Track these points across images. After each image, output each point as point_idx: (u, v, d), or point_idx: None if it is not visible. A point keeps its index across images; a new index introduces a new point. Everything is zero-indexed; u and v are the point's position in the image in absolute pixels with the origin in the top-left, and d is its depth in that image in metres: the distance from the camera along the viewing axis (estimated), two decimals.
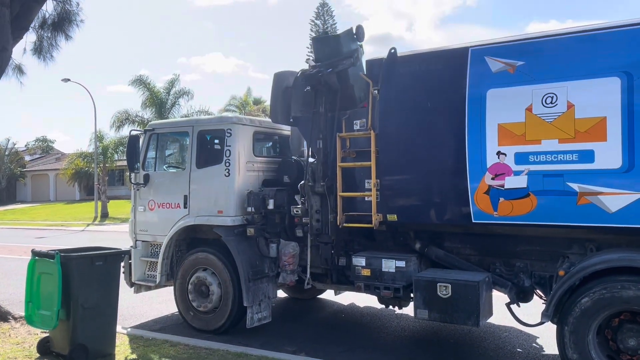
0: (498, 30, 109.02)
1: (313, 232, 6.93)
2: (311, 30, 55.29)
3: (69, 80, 34.15)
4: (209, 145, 7.82)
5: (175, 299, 7.78)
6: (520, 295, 6.11)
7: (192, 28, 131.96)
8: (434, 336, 7.35)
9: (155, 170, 8.14)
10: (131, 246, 8.18)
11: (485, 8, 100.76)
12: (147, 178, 8.01)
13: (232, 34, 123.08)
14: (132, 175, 8.14)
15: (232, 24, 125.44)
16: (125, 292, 7.21)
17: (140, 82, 34.52)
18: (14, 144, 55.41)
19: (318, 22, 55.01)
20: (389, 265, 6.43)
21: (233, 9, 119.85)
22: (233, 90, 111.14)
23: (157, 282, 7.78)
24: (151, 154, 8.17)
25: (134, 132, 8.06)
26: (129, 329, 7.61)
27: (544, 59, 5.48)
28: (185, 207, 7.64)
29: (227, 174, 7.34)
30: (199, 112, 34.44)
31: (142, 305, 9.11)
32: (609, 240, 5.55)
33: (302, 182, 7.07)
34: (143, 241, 8.10)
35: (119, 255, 6.76)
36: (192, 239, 7.92)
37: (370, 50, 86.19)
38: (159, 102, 34.45)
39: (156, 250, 7.97)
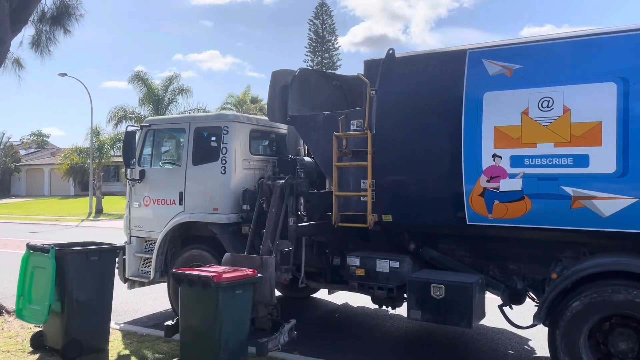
0: (493, 33, 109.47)
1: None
2: (309, 30, 55.40)
3: (65, 75, 34.03)
4: (206, 142, 7.82)
5: (169, 295, 7.78)
6: (513, 298, 6.14)
7: (189, 26, 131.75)
8: (427, 337, 7.37)
9: (151, 167, 8.14)
10: (125, 242, 8.16)
11: (481, 11, 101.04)
12: (142, 174, 8.01)
13: (229, 33, 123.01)
14: (128, 171, 8.13)
15: (230, 22, 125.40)
16: (118, 287, 7.18)
17: (139, 78, 34.45)
18: (9, 138, 55.30)
19: (317, 21, 55.07)
20: (383, 265, 6.45)
21: (230, 8, 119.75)
22: (229, 89, 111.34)
23: (151, 278, 7.77)
24: (147, 150, 8.17)
25: (130, 128, 8.06)
26: (123, 325, 7.60)
27: (541, 63, 5.50)
28: (180, 203, 7.64)
29: (223, 172, 7.34)
30: (197, 110, 34.41)
31: (136, 302, 9.10)
32: (603, 244, 5.58)
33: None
34: (137, 237, 8.10)
35: (114, 251, 6.75)
36: (186, 236, 7.92)
37: (367, 52, 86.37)
38: (156, 99, 34.38)
39: (150, 246, 7.96)
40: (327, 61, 54.45)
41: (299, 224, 6.82)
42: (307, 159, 7.89)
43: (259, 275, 5.84)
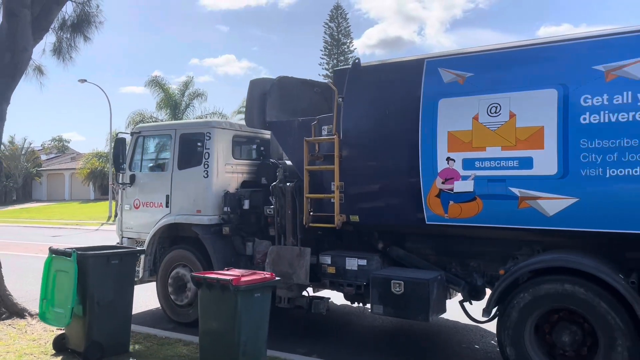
0: (509, 34, 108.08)
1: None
2: (325, 33, 55.83)
3: (85, 81, 34.88)
4: (190, 147, 8.23)
5: (157, 293, 8.22)
6: (472, 294, 6.43)
7: (205, 31, 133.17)
8: (424, 335, 7.65)
9: (140, 171, 8.61)
10: (117, 243, 8.63)
11: (497, 12, 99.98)
12: (133, 178, 8.49)
13: (244, 37, 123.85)
14: (120, 175, 8.61)
15: (245, 27, 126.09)
16: (138, 290, 7.07)
17: (156, 83, 35.07)
18: (30, 143, 56.55)
19: (332, 24, 55.45)
20: (352, 263, 6.79)
21: (245, 13, 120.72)
22: (245, 93, 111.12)
23: (141, 277, 8.18)
24: (137, 155, 8.64)
25: (120, 135, 8.54)
26: (143, 327, 7.63)
27: (490, 71, 5.81)
28: (167, 206, 8.10)
29: (205, 175, 7.77)
30: (213, 114, 34.90)
31: (156, 303, 9.01)
32: (554, 242, 5.85)
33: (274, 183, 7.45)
34: (129, 238, 8.58)
35: (135, 255, 6.85)
36: (174, 237, 8.36)
37: (381, 54, 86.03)
38: (173, 104, 34.94)
39: (140, 247, 8.39)
40: (342, 64, 54.77)
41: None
42: (288, 162, 8.25)
43: (277, 278, 5.96)
